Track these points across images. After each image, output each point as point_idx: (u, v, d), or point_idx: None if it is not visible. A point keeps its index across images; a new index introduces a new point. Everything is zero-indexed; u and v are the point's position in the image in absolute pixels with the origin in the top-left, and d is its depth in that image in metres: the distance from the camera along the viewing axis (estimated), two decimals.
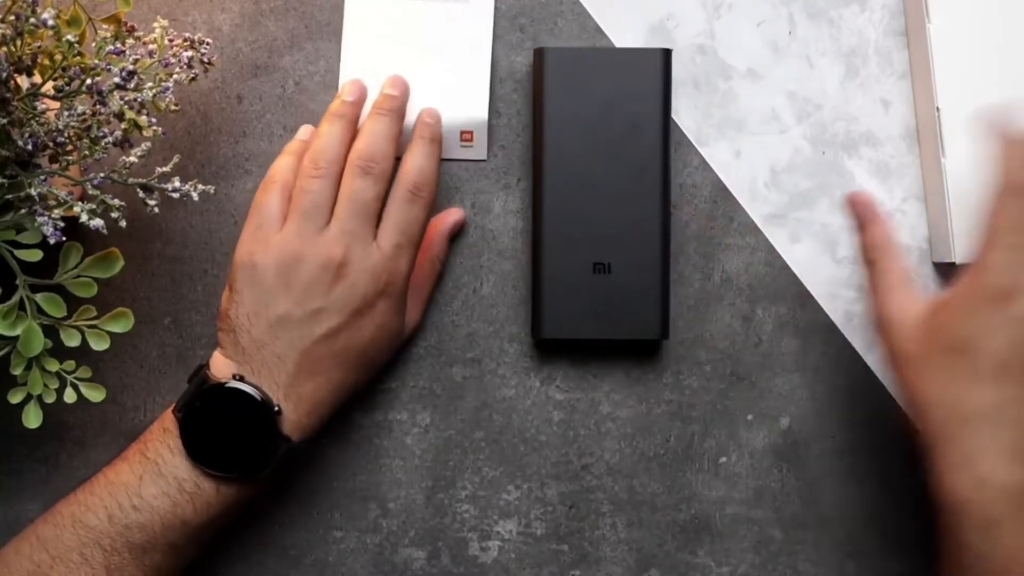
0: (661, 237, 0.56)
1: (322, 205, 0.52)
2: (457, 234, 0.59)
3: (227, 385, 0.51)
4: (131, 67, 0.49)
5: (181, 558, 0.52)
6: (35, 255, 0.49)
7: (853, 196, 0.55)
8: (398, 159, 0.54)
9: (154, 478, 0.51)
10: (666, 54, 0.56)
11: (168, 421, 0.52)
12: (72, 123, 0.49)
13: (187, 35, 0.53)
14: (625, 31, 0.59)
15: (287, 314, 0.51)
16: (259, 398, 0.51)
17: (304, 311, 0.52)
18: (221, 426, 0.51)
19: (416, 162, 0.54)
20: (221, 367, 0.52)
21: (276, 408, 0.51)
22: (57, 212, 0.48)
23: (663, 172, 0.56)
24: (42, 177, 0.49)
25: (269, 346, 0.52)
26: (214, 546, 0.56)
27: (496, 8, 0.59)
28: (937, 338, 0.47)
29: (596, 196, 0.56)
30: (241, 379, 0.52)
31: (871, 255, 0.53)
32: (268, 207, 0.53)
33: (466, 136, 0.59)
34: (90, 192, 0.49)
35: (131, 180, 0.51)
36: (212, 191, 0.52)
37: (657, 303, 0.56)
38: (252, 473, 0.52)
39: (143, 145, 0.50)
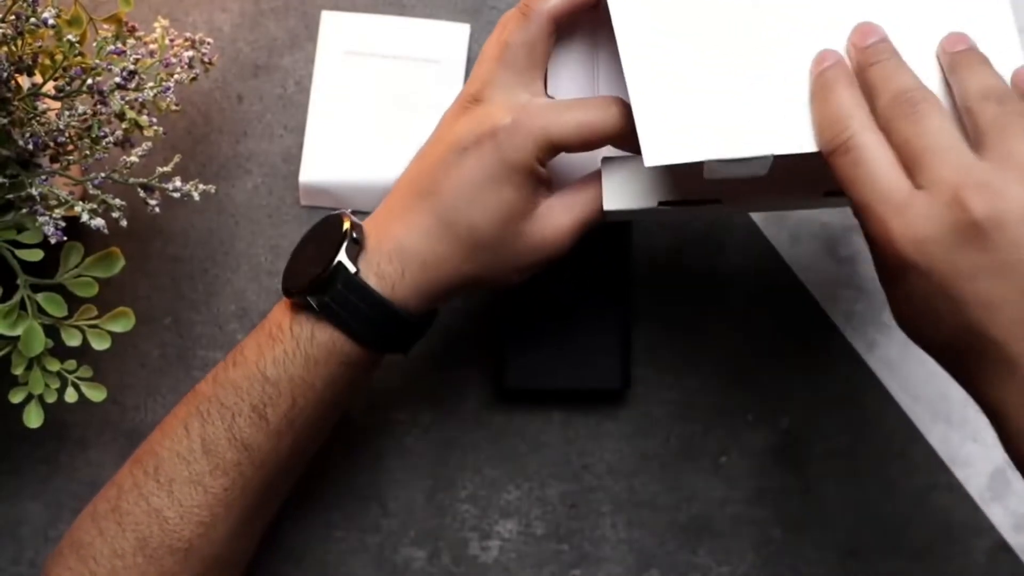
0: (623, 286, 0.57)
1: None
2: None
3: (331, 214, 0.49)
4: (132, 67, 0.49)
5: (267, 434, 0.47)
6: (36, 255, 0.49)
7: None
8: None
9: (258, 330, 0.49)
10: None
11: None
12: (73, 123, 0.49)
13: (188, 35, 0.53)
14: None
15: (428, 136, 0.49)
16: (340, 219, 0.48)
17: (429, 146, 0.48)
18: (308, 252, 0.48)
19: None
20: None
21: (351, 232, 0.47)
22: (58, 212, 0.48)
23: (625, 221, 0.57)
24: (43, 177, 0.49)
25: (396, 186, 0.49)
26: None
27: (495, 8, 0.59)
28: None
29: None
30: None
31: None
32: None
33: None
34: (91, 192, 0.50)
35: (132, 180, 0.51)
36: (213, 191, 0.53)
37: (618, 353, 0.57)
38: (316, 293, 0.46)
39: (144, 145, 0.50)
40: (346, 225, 0.47)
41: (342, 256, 0.46)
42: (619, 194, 0.47)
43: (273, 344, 0.48)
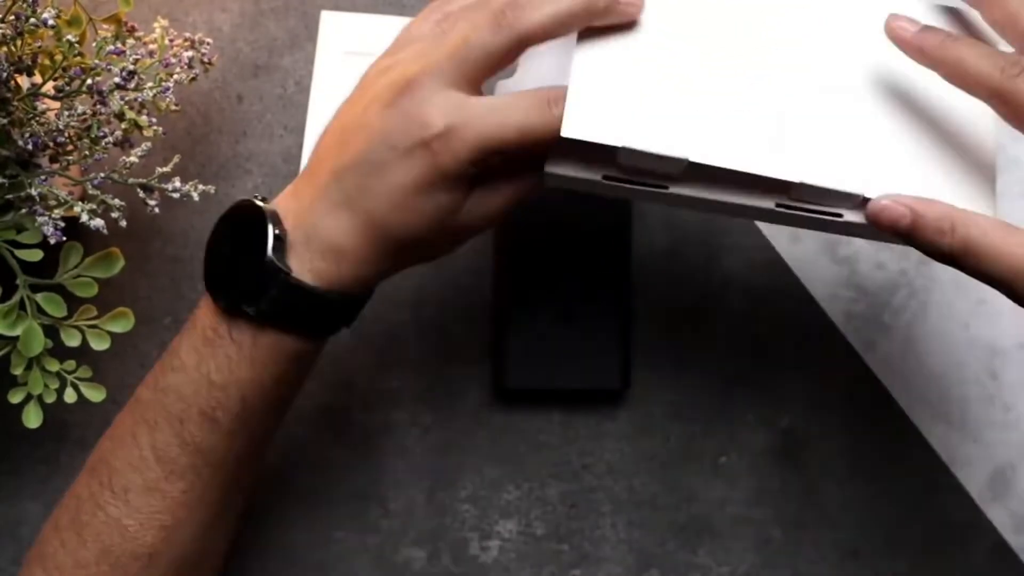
0: (623, 286, 0.57)
1: None
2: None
3: (240, 200, 0.46)
4: (131, 67, 0.49)
5: (220, 435, 0.46)
6: (35, 255, 0.49)
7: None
8: None
9: (189, 332, 0.46)
10: None
11: None
12: (72, 123, 0.49)
13: (187, 35, 0.53)
14: None
15: (340, 112, 0.46)
16: (260, 208, 0.44)
17: (353, 118, 0.45)
18: (229, 250, 0.46)
19: None
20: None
21: (274, 228, 0.44)
22: (57, 212, 0.48)
23: (626, 219, 0.57)
24: (42, 177, 0.49)
25: (312, 161, 0.46)
26: None
27: None
28: None
29: (558, 244, 0.56)
30: (264, 200, 0.46)
31: None
32: None
33: None
34: (90, 192, 0.50)
35: (131, 180, 0.51)
36: (212, 191, 0.52)
37: (618, 353, 0.57)
38: (248, 301, 0.44)
39: (143, 145, 0.50)
40: (269, 225, 0.44)
41: (272, 258, 0.43)
42: (564, 161, 0.45)
43: (213, 350, 0.45)
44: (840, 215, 0.44)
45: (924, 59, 0.43)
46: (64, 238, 0.49)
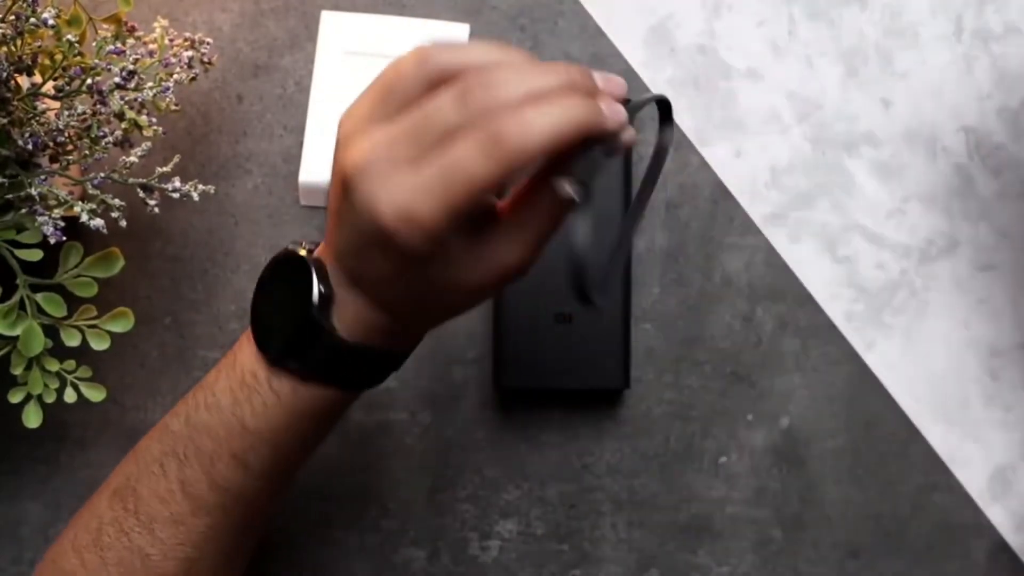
0: (622, 286, 0.57)
1: None
2: None
3: (290, 248, 0.44)
4: (131, 67, 0.49)
5: (251, 479, 0.45)
6: (35, 255, 0.49)
7: None
8: None
9: (228, 370, 0.45)
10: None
11: None
12: (72, 123, 0.49)
13: (187, 35, 0.53)
14: (625, 31, 0.59)
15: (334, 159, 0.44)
16: (306, 264, 0.42)
17: (333, 186, 0.41)
18: (276, 300, 0.44)
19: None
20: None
21: (320, 283, 0.42)
22: (57, 212, 0.48)
23: (625, 220, 0.57)
24: (42, 177, 0.49)
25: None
26: None
27: (496, 8, 0.59)
28: None
29: (558, 245, 0.56)
30: (311, 251, 0.43)
31: None
32: None
33: None
34: (90, 192, 0.49)
35: (131, 180, 0.51)
36: (212, 191, 0.52)
37: (619, 353, 0.57)
38: (294, 357, 0.43)
39: (143, 145, 0.50)
40: (315, 279, 0.42)
41: (316, 316, 0.42)
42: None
43: (250, 395, 0.44)
44: None
45: None
46: (64, 238, 0.49)
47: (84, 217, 0.48)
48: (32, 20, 0.46)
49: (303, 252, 0.43)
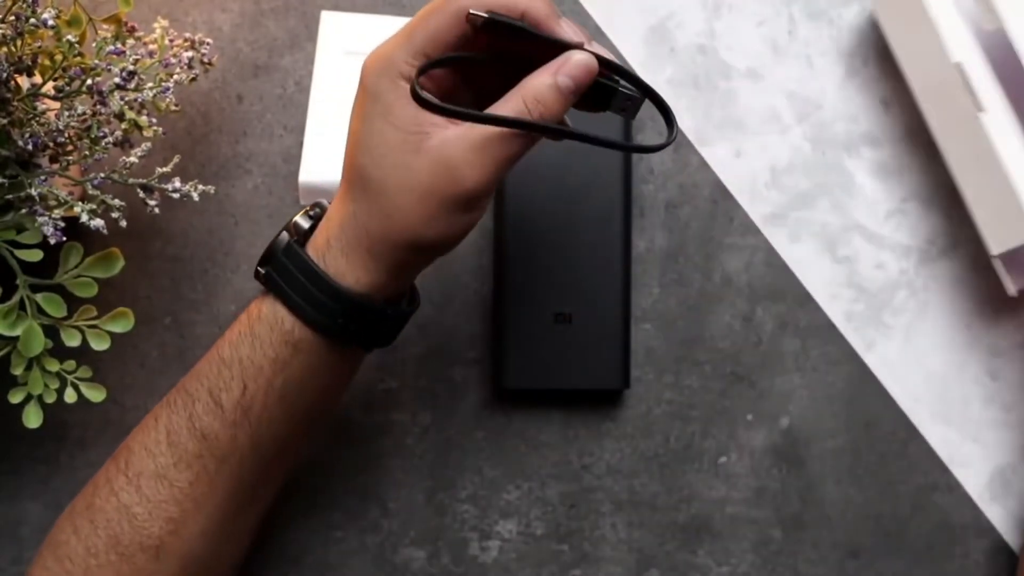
0: (622, 286, 0.57)
1: None
2: None
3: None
4: (131, 67, 0.49)
5: (223, 423, 0.47)
6: (35, 255, 0.49)
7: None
8: None
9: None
10: None
11: None
12: (72, 123, 0.49)
13: (187, 35, 0.53)
14: (625, 31, 0.59)
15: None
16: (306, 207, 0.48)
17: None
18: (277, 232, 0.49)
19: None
20: None
21: (308, 210, 0.48)
22: (57, 212, 0.48)
23: (624, 220, 0.57)
24: (42, 177, 0.49)
25: None
26: None
27: None
28: None
29: (558, 245, 0.56)
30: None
31: None
32: None
33: None
34: (90, 192, 0.50)
35: (131, 180, 0.51)
36: (212, 191, 0.53)
37: (618, 353, 0.57)
38: (263, 262, 0.47)
39: (143, 145, 0.50)
40: (304, 208, 0.48)
41: (288, 226, 0.47)
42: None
43: (234, 325, 0.48)
44: None
45: None
46: (64, 238, 0.49)
47: (84, 217, 0.48)
48: (32, 20, 0.46)
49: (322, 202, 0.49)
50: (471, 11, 0.43)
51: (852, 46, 0.59)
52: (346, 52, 0.58)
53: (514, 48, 0.45)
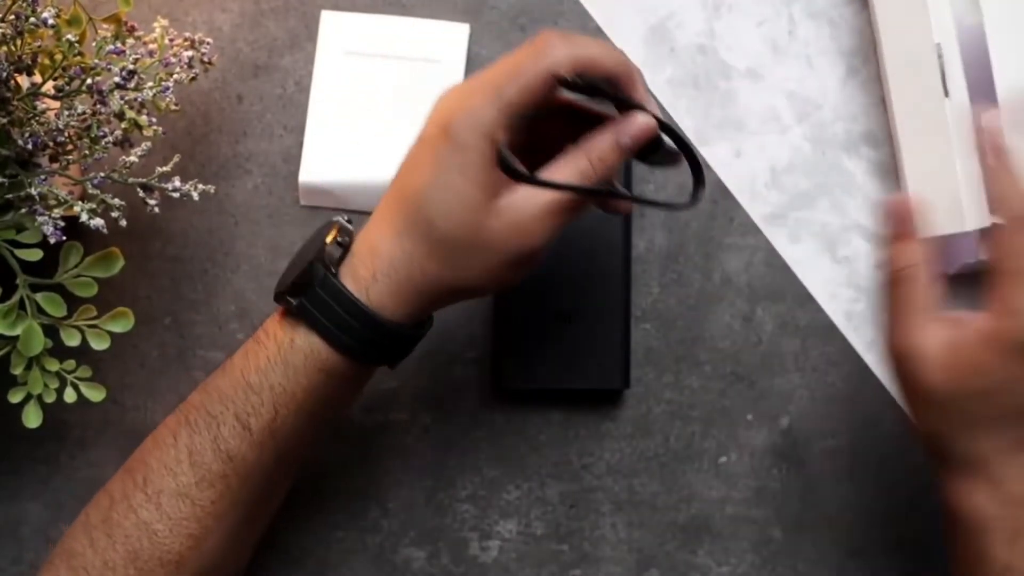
0: (622, 286, 0.57)
1: None
2: None
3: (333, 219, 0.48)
4: (131, 67, 0.49)
5: (250, 445, 0.47)
6: (35, 255, 0.49)
7: (896, 205, 0.49)
8: None
9: (253, 336, 0.48)
10: None
11: None
12: (72, 123, 0.49)
13: (187, 35, 0.53)
14: (625, 31, 0.59)
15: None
16: (332, 223, 0.47)
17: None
18: (298, 254, 0.49)
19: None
20: None
21: (337, 237, 0.46)
22: (57, 211, 0.48)
23: (624, 220, 0.57)
24: (42, 176, 0.49)
25: None
26: None
27: (495, 8, 0.59)
28: (963, 379, 0.45)
29: (557, 244, 0.56)
30: (349, 220, 0.48)
31: (897, 273, 0.48)
32: None
33: None
34: (90, 192, 0.50)
35: (131, 180, 0.51)
36: (212, 191, 0.53)
37: (618, 353, 0.56)
38: (296, 294, 0.46)
39: (143, 145, 0.50)
40: (333, 229, 0.47)
41: (321, 257, 0.46)
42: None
43: (258, 350, 0.47)
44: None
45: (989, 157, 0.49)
46: (64, 238, 0.49)
47: (84, 217, 0.48)
48: (32, 20, 0.46)
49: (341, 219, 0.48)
50: (562, 74, 0.43)
51: (852, 46, 0.59)
52: (346, 52, 0.58)
53: (572, 102, 0.46)
